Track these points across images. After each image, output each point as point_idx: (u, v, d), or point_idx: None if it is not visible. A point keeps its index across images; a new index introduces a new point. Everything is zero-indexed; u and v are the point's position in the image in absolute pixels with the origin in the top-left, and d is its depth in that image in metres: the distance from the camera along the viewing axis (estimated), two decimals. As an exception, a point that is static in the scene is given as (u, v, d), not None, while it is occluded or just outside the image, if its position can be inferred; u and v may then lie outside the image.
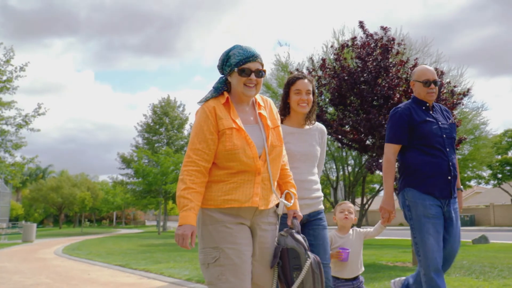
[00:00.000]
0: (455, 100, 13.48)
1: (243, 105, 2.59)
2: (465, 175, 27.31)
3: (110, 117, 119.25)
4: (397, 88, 11.83)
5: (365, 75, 9.79)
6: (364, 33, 10.39)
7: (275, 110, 2.72)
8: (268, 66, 25.09)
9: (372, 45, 10.20)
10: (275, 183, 2.61)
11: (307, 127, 3.40)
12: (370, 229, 4.06)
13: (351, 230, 4.00)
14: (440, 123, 3.73)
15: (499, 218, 40.71)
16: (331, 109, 11.74)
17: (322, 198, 3.38)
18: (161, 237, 29.05)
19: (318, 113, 10.56)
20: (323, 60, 10.62)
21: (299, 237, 2.55)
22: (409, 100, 3.87)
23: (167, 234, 34.17)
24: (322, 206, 3.36)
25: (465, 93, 13.65)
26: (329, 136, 11.09)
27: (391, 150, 3.73)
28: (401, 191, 3.76)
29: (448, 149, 3.66)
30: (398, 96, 11.74)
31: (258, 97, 2.67)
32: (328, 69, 10.43)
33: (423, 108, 3.77)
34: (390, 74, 11.60)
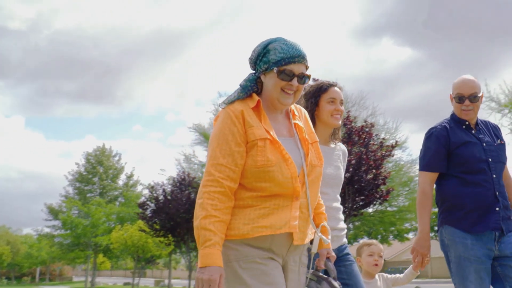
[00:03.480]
0: (384, 152, 14.29)
1: (275, 113, 2.16)
2: (403, 227, 28.21)
3: (40, 165, 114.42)
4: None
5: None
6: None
7: (311, 123, 2.32)
8: (207, 116, 25.40)
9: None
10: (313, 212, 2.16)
11: (332, 145, 3.03)
12: (399, 275, 3.63)
13: (376, 275, 3.59)
14: (484, 144, 3.22)
15: (436, 270, 41.95)
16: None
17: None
18: (88, 295, 27.65)
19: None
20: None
21: (337, 284, 2.16)
22: (447, 117, 3.38)
23: (95, 291, 32.56)
24: (346, 239, 3.04)
25: (394, 146, 14.54)
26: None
27: (426, 180, 3.26)
28: (439, 228, 3.30)
29: (494, 176, 3.16)
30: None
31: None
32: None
33: (463, 127, 3.28)
34: (321, 125, 12.13)
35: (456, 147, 3.19)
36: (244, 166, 2.00)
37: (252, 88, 2.13)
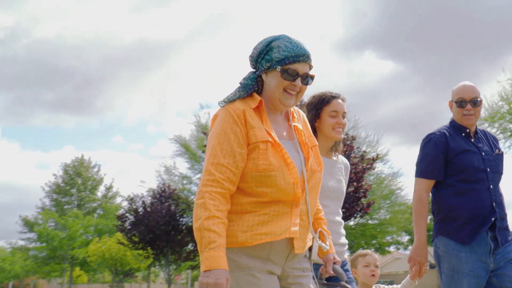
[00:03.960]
0: (365, 165, 14.45)
1: (275, 115, 2.09)
2: (384, 240, 28.43)
3: (16, 176, 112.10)
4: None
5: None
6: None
7: (309, 126, 2.25)
8: (188, 128, 25.31)
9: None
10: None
11: (334, 157, 2.99)
12: (397, 286, 3.58)
13: (373, 286, 3.54)
14: (483, 153, 3.19)
15: (418, 283, 42.28)
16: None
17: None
18: (64, 309, 27.18)
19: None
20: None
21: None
22: (446, 124, 3.35)
23: (71, 306, 32.04)
24: (346, 255, 2.97)
25: (375, 159, 14.76)
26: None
27: (423, 187, 3.21)
28: (434, 238, 3.23)
29: (492, 186, 3.13)
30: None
31: None
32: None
33: (463, 134, 3.25)
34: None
35: (455, 154, 3.16)
36: (244, 170, 1.92)
37: (253, 87, 2.04)
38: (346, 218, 14.34)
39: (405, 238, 37.94)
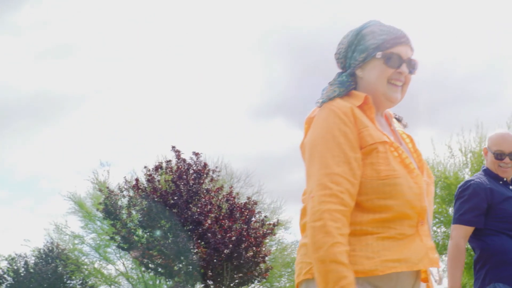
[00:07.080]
0: (265, 230, 15.09)
1: (377, 115, 1.74)
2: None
3: None
4: (209, 215, 12.94)
5: (175, 198, 10.65)
6: (176, 157, 11.49)
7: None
8: (85, 185, 24.90)
9: (185, 169, 11.27)
10: None
11: None
12: None
13: None
14: None
15: None
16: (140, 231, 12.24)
17: None
18: None
19: (126, 235, 10.97)
20: (136, 180, 11.30)
21: None
22: (480, 172, 3.35)
23: None
24: None
25: (275, 224, 15.49)
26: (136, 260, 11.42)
27: (461, 234, 3.17)
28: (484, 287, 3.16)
29: None
30: (210, 222, 12.81)
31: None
32: (140, 190, 11.12)
33: (500, 182, 3.27)
34: (203, 200, 12.73)
35: (499, 202, 3.17)
36: (361, 179, 1.59)
37: (350, 83, 1.71)
38: (243, 283, 14.68)
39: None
